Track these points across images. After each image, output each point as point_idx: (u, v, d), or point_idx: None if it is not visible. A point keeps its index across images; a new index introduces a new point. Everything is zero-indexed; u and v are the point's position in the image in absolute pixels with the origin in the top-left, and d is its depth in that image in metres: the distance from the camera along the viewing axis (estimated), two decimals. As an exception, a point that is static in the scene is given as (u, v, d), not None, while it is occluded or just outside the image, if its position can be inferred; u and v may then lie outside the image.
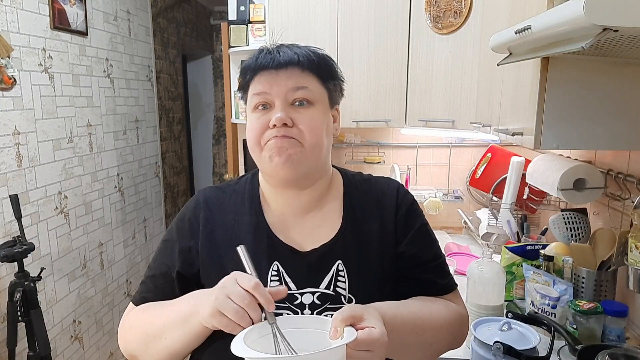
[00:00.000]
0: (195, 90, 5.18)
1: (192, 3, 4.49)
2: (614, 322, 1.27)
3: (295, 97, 0.83)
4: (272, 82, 0.83)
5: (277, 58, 0.83)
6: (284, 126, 0.81)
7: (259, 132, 0.83)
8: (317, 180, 0.90)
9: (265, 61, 0.83)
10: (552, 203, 1.97)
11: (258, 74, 0.84)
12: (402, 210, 0.92)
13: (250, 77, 0.86)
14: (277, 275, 0.84)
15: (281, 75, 0.83)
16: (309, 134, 0.82)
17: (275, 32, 2.16)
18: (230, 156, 3.18)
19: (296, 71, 0.83)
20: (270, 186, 0.91)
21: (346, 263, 0.86)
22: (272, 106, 0.83)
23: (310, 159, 0.84)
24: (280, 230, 0.88)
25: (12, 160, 2.03)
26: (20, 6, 2.06)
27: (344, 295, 0.84)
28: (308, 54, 0.85)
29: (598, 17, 0.68)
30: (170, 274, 0.87)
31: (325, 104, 0.87)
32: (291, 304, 0.83)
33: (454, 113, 2.00)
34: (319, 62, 0.86)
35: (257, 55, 0.86)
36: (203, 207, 0.91)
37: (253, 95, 0.85)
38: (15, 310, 1.80)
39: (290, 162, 0.82)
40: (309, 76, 0.85)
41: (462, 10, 1.91)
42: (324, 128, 0.86)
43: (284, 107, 0.82)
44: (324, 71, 0.87)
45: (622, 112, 1.11)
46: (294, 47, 0.86)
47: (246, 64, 0.87)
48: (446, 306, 0.89)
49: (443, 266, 0.95)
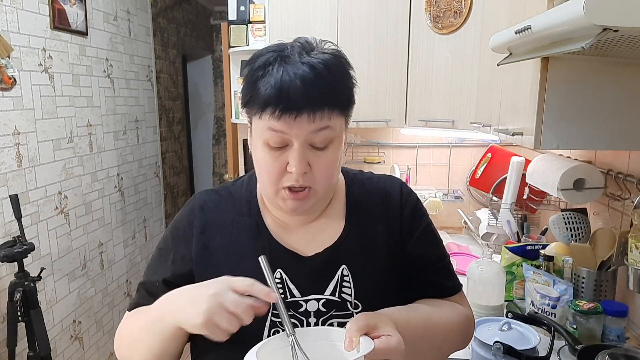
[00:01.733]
0: (195, 90, 5.18)
1: (192, 3, 4.49)
2: (614, 322, 1.27)
3: (317, 140, 0.74)
4: (291, 123, 0.72)
5: (301, 98, 0.70)
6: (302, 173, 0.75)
7: (276, 175, 0.76)
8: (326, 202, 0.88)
9: (288, 98, 0.70)
10: (552, 203, 1.97)
11: (277, 108, 0.71)
12: (407, 210, 0.89)
13: (265, 107, 0.73)
14: (280, 282, 0.81)
15: (303, 116, 0.71)
16: (325, 178, 0.78)
17: (276, 32, 2.16)
18: (230, 156, 3.18)
19: (321, 112, 0.72)
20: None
21: (351, 267, 0.83)
22: (288, 144, 0.75)
23: (322, 198, 0.82)
24: (282, 235, 0.85)
25: (12, 160, 2.03)
26: (20, 6, 2.06)
27: (350, 301, 0.81)
28: (334, 80, 0.74)
29: (598, 17, 0.68)
30: (162, 283, 0.84)
31: (342, 132, 0.80)
32: (296, 312, 0.80)
33: (454, 113, 2.00)
34: (343, 91, 0.77)
35: (280, 83, 0.70)
36: (198, 214, 0.87)
37: (269, 129, 0.73)
38: (15, 310, 1.80)
39: (303, 212, 0.81)
40: (332, 112, 0.74)
41: (462, 10, 1.91)
42: (338, 164, 0.81)
43: (302, 152, 0.74)
44: (344, 99, 0.78)
45: (622, 112, 1.10)
46: (316, 65, 0.72)
47: (263, 90, 0.72)
48: (454, 309, 0.88)
49: (448, 267, 0.93)
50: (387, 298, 0.83)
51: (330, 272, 0.83)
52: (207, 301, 0.66)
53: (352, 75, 0.80)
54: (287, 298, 0.81)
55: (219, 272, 0.80)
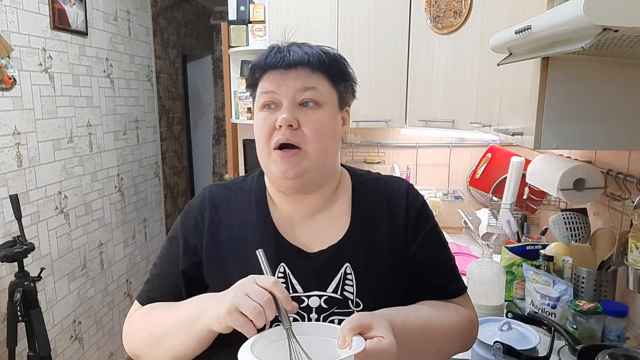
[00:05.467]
0: (195, 90, 5.18)
1: (192, 3, 4.49)
2: (614, 322, 1.27)
3: (303, 97, 0.81)
4: (280, 81, 0.81)
5: (286, 57, 0.81)
6: (289, 127, 0.79)
7: (266, 134, 0.82)
8: (325, 184, 0.88)
9: (274, 60, 0.82)
10: (552, 203, 1.97)
11: (267, 72, 0.83)
12: (413, 212, 0.90)
13: (259, 75, 0.84)
14: (283, 277, 0.83)
15: (290, 75, 0.81)
16: (314, 137, 0.81)
17: (276, 32, 2.16)
18: (230, 156, 3.18)
19: (305, 71, 0.82)
20: (276, 189, 0.89)
21: (354, 266, 0.84)
22: (279, 106, 0.82)
23: (315, 166, 0.83)
24: (287, 231, 0.87)
25: (12, 160, 2.03)
26: (20, 6, 2.06)
27: (352, 299, 0.82)
28: (319, 53, 0.83)
29: (598, 17, 0.68)
30: (176, 273, 0.86)
31: (334, 105, 0.85)
32: (298, 308, 0.80)
33: (454, 113, 2.00)
34: (329, 62, 0.84)
35: (267, 53, 0.84)
36: (209, 205, 0.89)
37: (261, 94, 0.83)
38: (15, 310, 1.80)
39: (294, 175, 0.81)
40: (318, 77, 0.83)
41: (462, 10, 1.91)
42: (330, 131, 0.84)
43: (290, 108, 0.81)
44: (334, 72, 0.85)
45: (622, 112, 1.10)
46: (305, 47, 0.84)
47: (256, 62, 0.85)
48: (456, 311, 0.87)
49: (453, 269, 0.93)
50: (389, 298, 0.83)
51: (333, 269, 0.84)
52: (233, 291, 0.69)
53: (349, 67, 0.88)
54: (289, 293, 0.80)
55: (226, 265, 0.83)
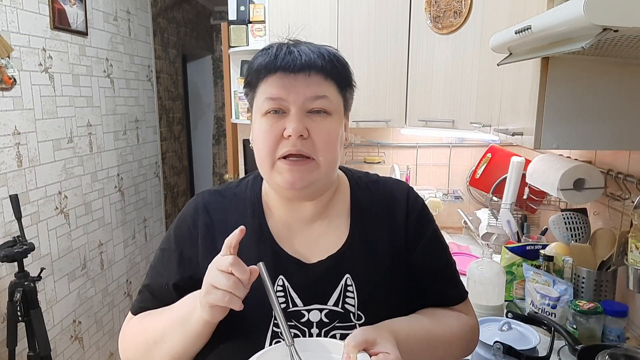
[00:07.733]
0: (195, 90, 5.18)
1: (192, 3, 4.49)
2: (614, 322, 1.27)
3: (314, 106, 0.75)
4: (289, 87, 0.74)
5: (297, 60, 0.74)
6: (300, 137, 0.74)
7: (272, 142, 0.75)
8: (325, 190, 0.84)
9: (285, 62, 0.74)
10: (552, 203, 1.97)
11: (274, 74, 0.75)
12: (413, 216, 0.87)
13: (263, 76, 0.77)
14: (282, 290, 0.79)
15: (300, 80, 0.74)
16: (326, 147, 0.76)
17: (276, 32, 2.16)
18: (230, 156, 3.18)
19: (318, 78, 0.76)
20: (274, 194, 0.85)
21: (355, 276, 0.80)
22: (285, 112, 0.75)
23: (325, 177, 0.79)
24: (285, 239, 0.83)
25: (12, 160, 2.03)
26: (20, 6, 2.06)
27: (353, 312, 0.79)
28: (330, 57, 0.77)
29: (598, 17, 0.68)
30: (167, 286, 0.83)
31: (341, 113, 0.81)
32: (298, 322, 0.78)
33: (454, 113, 2.00)
34: (339, 68, 0.79)
35: (276, 52, 0.76)
36: (202, 214, 0.85)
37: (266, 99, 0.76)
38: (15, 310, 1.80)
39: (302, 186, 0.77)
40: (330, 84, 0.77)
41: (462, 10, 1.91)
42: (339, 140, 0.80)
43: (300, 117, 0.74)
44: (343, 78, 0.80)
45: (622, 112, 1.10)
46: (312, 46, 0.78)
47: (261, 61, 0.77)
48: (458, 319, 0.87)
49: (454, 274, 0.91)
50: (390, 308, 0.81)
51: (333, 281, 0.80)
52: (203, 287, 0.70)
53: (351, 74, 0.83)
54: (289, 307, 0.79)
55: None
